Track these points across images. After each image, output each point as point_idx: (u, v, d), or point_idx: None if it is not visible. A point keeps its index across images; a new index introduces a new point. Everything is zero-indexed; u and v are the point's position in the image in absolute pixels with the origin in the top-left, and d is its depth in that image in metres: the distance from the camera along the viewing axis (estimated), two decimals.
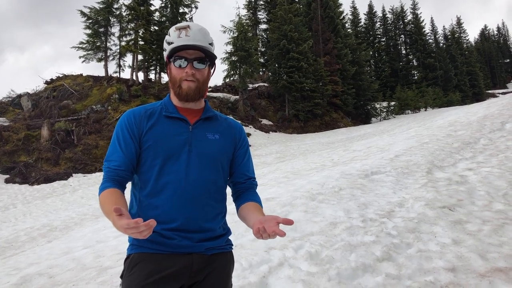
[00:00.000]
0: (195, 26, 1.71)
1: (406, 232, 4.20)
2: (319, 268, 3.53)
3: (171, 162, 1.65)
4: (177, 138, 1.68)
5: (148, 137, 1.68)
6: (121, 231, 1.32)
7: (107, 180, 1.63)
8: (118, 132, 1.71)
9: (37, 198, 14.85)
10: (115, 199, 1.53)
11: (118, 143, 1.68)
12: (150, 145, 1.67)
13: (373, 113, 40.08)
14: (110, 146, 1.71)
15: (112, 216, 1.36)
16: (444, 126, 11.69)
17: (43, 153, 18.94)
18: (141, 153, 1.69)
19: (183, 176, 1.64)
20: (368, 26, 68.39)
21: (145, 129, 1.69)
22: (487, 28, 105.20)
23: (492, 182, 5.64)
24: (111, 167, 1.65)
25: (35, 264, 5.59)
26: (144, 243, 1.61)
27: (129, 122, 1.70)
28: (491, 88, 79.40)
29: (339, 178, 6.92)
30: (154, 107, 1.77)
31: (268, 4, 45.94)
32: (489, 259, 3.37)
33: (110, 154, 1.68)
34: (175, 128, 1.71)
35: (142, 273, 1.56)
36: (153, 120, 1.71)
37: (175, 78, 1.71)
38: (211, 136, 1.76)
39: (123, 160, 1.65)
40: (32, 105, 24.10)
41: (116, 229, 1.37)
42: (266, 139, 26.32)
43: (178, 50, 1.67)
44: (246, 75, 30.65)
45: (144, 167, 1.68)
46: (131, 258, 1.63)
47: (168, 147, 1.66)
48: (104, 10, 28.87)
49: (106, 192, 1.57)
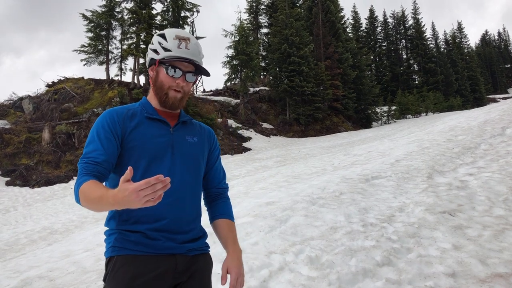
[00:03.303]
0: (193, 39, 1.75)
1: (406, 237, 4.20)
2: (320, 272, 3.54)
3: (156, 163, 1.65)
4: (160, 140, 1.70)
5: (132, 137, 1.66)
6: (131, 199, 1.23)
7: (86, 174, 1.52)
8: (99, 129, 1.65)
9: (37, 200, 14.85)
10: (102, 185, 1.45)
11: (99, 140, 1.61)
12: (134, 146, 1.65)
13: (374, 118, 40.07)
14: (89, 144, 1.62)
15: (110, 193, 1.31)
16: (444, 131, 11.69)
17: (44, 155, 18.96)
18: (123, 153, 1.65)
19: (171, 175, 1.62)
20: (369, 30, 68.49)
21: (129, 129, 1.67)
22: (488, 33, 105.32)
23: (492, 187, 5.65)
24: (90, 162, 1.56)
25: (35, 267, 5.60)
26: (127, 245, 1.58)
27: (111, 121, 1.66)
28: (492, 93, 79.36)
29: (339, 183, 6.93)
30: (134, 108, 1.76)
31: (269, 9, 46.06)
32: (489, 265, 3.37)
33: (89, 151, 1.60)
34: (157, 129, 1.71)
35: (127, 275, 1.54)
36: (136, 121, 1.70)
37: (162, 84, 1.72)
38: (190, 139, 1.80)
39: (104, 157, 1.59)
40: (34, 108, 24.13)
41: (117, 204, 1.29)
42: (267, 142, 26.34)
43: (175, 60, 1.69)
44: (247, 79, 30.71)
45: (126, 168, 1.54)
46: (115, 260, 1.59)
47: (153, 148, 1.66)
48: (106, 13, 28.96)
49: (89, 183, 1.46)
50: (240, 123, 28.36)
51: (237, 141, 25.20)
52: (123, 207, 1.30)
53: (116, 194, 1.28)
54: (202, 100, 30.43)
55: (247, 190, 8.88)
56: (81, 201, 1.47)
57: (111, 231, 1.66)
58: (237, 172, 15.92)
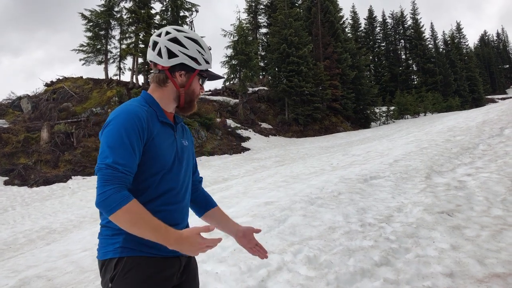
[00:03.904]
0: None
1: (404, 237, 4.20)
2: (318, 272, 3.54)
3: (169, 173, 1.67)
4: (172, 146, 1.71)
5: (153, 145, 1.61)
6: (195, 251, 1.48)
7: (124, 187, 1.46)
8: (130, 133, 1.51)
9: (36, 200, 14.83)
10: (148, 212, 1.47)
11: (131, 145, 1.50)
12: (155, 154, 1.61)
13: (373, 118, 40.13)
14: (118, 148, 1.48)
15: (173, 234, 1.46)
16: (443, 131, 11.71)
17: (42, 155, 18.92)
18: (143, 160, 1.59)
19: (179, 183, 1.72)
20: (368, 30, 68.55)
21: (151, 136, 1.60)
22: (486, 34, 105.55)
23: (490, 187, 5.65)
24: (126, 172, 1.48)
25: (33, 266, 5.60)
26: (138, 246, 1.55)
27: (140, 125, 1.55)
28: (490, 93, 79.52)
29: (338, 183, 6.93)
30: (148, 110, 1.65)
31: (268, 9, 46.07)
32: (487, 265, 3.37)
33: (121, 156, 1.47)
34: (169, 135, 1.71)
35: (138, 277, 1.53)
36: (156, 127, 1.64)
37: (194, 93, 1.78)
38: (184, 142, 1.83)
39: (135, 167, 1.53)
40: (32, 107, 24.11)
41: (174, 245, 1.45)
42: (266, 142, 26.34)
43: (207, 71, 1.79)
44: (246, 79, 30.71)
45: (144, 174, 1.60)
46: (124, 261, 1.55)
47: (169, 158, 1.67)
48: (105, 13, 28.97)
49: (138, 203, 1.45)
50: (239, 123, 28.38)
51: (236, 141, 25.20)
52: (178, 249, 1.47)
53: (183, 239, 1.46)
54: (201, 99, 30.41)
55: (245, 190, 8.88)
56: (121, 218, 1.43)
57: (115, 231, 1.57)
58: (236, 172, 15.93)
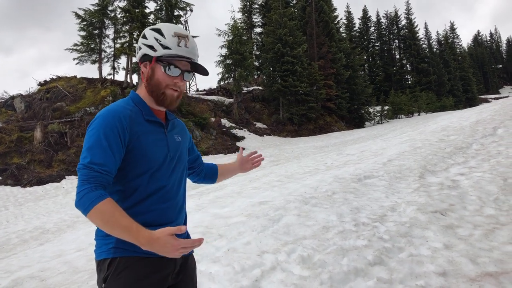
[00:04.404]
0: (191, 37, 1.70)
1: (398, 237, 4.22)
2: (311, 272, 3.55)
3: (158, 171, 1.64)
4: (161, 144, 1.68)
5: (139, 144, 1.60)
6: (169, 251, 1.40)
7: (98, 187, 1.45)
8: (108, 133, 1.52)
9: (29, 200, 14.75)
10: (124, 212, 1.43)
11: (108, 146, 1.50)
12: (140, 152, 1.59)
13: (367, 117, 40.29)
14: (96, 148, 1.49)
15: (143, 233, 1.39)
16: (437, 131, 11.76)
17: (36, 155, 18.82)
18: (128, 159, 1.58)
19: (170, 181, 1.69)
20: (362, 30, 68.80)
21: (135, 134, 1.60)
22: (480, 34, 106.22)
23: (483, 187, 5.69)
24: (102, 171, 1.47)
25: (26, 267, 5.56)
26: (131, 247, 1.50)
27: (120, 125, 1.55)
28: (483, 93, 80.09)
29: (332, 182, 6.95)
30: (132, 108, 1.66)
31: (263, 8, 46.12)
32: (479, 264, 3.39)
33: (97, 156, 1.48)
34: (156, 134, 1.68)
35: (131, 278, 1.52)
36: (140, 125, 1.63)
37: (160, 83, 1.66)
38: (177, 138, 1.80)
39: (114, 166, 1.52)
40: (25, 106, 23.96)
41: (146, 245, 1.39)
42: (260, 142, 26.35)
43: (175, 58, 1.64)
44: (240, 78, 30.71)
45: (131, 174, 1.59)
46: (117, 261, 1.54)
47: (159, 155, 1.65)
48: (99, 12, 28.85)
49: (110, 204, 1.42)
50: (233, 122, 28.37)
51: (231, 141, 25.19)
52: (151, 250, 1.40)
53: (154, 240, 1.38)
54: (196, 99, 30.38)
55: (240, 190, 8.87)
56: (93, 217, 1.42)
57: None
58: None
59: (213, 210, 6.25)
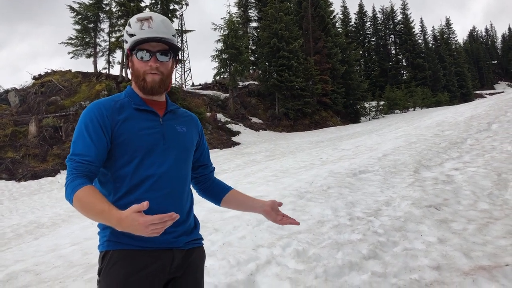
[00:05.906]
0: (157, 17, 1.67)
1: (392, 231, 4.24)
2: (306, 265, 3.56)
3: (149, 157, 1.61)
4: (151, 131, 1.65)
5: (122, 130, 1.60)
6: (138, 229, 1.30)
7: (79, 176, 1.49)
8: (88, 124, 1.57)
9: (24, 194, 14.69)
10: (101, 197, 1.44)
11: (88, 135, 1.55)
12: (124, 140, 1.59)
13: (362, 113, 40.34)
14: (78, 140, 1.56)
15: (115, 214, 1.35)
16: (432, 126, 11.81)
17: (30, 149, 18.72)
18: (114, 148, 1.60)
19: (163, 169, 1.63)
20: (358, 25, 68.71)
21: (118, 122, 1.60)
22: (475, 29, 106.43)
23: (477, 182, 5.73)
24: (83, 161, 1.51)
25: (21, 261, 5.55)
26: (124, 239, 1.52)
27: (99, 114, 1.59)
28: (479, 88, 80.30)
29: (327, 177, 6.97)
30: (121, 99, 1.69)
31: (259, 2, 45.84)
32: (473, 258, 3.42)
33: (79, 148, 1.54)
34: (147, 121, 1.66)
35: (123, 271, 1.51)
36: (125, 113, 1.64)
37: (138, 71, 1.66)
38: (179, 129, 1.76)
39: (95, 154, 1.54)
40: (20, 100, 23.80)
41: (119, 226, 1.35)
42: (256, 137, 26.35)
43: (141, 43, 1.63)
44: (236, 73, 30.61)
45: (118, 162, 1.60)
46: (110, 255, 1.55)
47: (145, 142, 1.61)
48: (94, 5, 28.59)
49: (87, 190, 1.44)
50: (229, 117, 28.32)
51: (226, 136, 25.16)
52: (124, 230, 1.35)
53: (123, 219, 1.32)
54: (191, 94, 30.29)
55: (235, 184, 8.87)
56: (75, 206, 1.46)
57: (104, 225, 1.57)
58: (226, 166, 15.91)
59: (208, 205, 6.24)
